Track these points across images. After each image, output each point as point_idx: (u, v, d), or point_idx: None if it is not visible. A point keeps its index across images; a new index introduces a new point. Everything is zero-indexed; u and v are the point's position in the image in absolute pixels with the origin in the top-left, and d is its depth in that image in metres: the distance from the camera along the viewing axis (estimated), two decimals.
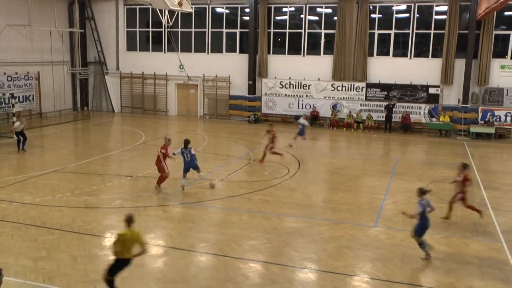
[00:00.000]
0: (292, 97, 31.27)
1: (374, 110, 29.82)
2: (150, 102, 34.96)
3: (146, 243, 9.27)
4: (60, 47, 32.78)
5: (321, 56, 31.11)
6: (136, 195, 15.66)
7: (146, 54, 34.95)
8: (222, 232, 12.66)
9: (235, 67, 32.57)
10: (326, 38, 31.11)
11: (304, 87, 31.01)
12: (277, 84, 31.53)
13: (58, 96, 32.95)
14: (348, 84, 30.19)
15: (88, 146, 23.01)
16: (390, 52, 29.94)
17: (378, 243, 12.14)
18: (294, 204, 15.12)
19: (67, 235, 12.18)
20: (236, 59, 32.67)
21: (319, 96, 30.76)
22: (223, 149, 23.54)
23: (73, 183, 16.98)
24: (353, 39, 29.89)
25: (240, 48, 32.86)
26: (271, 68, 31.98)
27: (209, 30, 33.04)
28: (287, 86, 31.36)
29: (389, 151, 25.13)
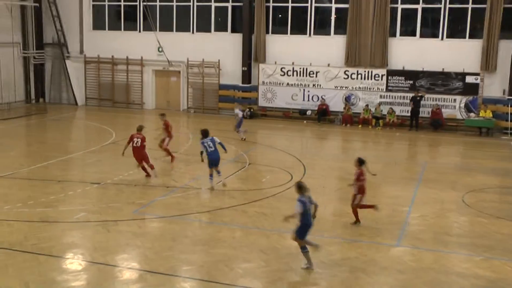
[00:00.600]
0: (296, 87, 31.30)
1: (397, 103, 29.89)
2: (122, 93, 34.94)
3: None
4: (9, 25, 32.70)
5: (331, 36, 31.16)
6: (105, 206, 15.62)
7: (116, 33, 34.93)
8: (210, 252, 12.63)
9: (226, 49, 32.58)
10: (338, 14, 31.14)
11: (311, 74, 31.05)
12: (278, 71, 31.56)
13: (6, 85, 32.90)
14: (364, 71, 30.24)
15: (44, 147, 22.96)
16: (417, 31, 30.02)
17: (401, 267, 12.14)
18: None
19: (17, 256, 12.12)
20: (227, 40, 32.69)
21: (329, 85, 30.80)
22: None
23: (25, 191, 16.91)
24: (370, 15, 29.95)
25: (232, 27, 32.88)
26: (270, 51, 32.01)
27: (194, 4, 33.06)
28: (290, 74, 31.38)
29: (415, 154, 25.16)
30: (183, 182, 18.12)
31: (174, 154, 20.81)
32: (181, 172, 19.51)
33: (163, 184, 17.95)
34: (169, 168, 20.03)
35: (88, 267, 11.74)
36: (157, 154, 20.77)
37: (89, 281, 11.11)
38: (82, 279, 11.22)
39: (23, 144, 24.94)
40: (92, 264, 11.86)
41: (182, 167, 20.22)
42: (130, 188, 17.42)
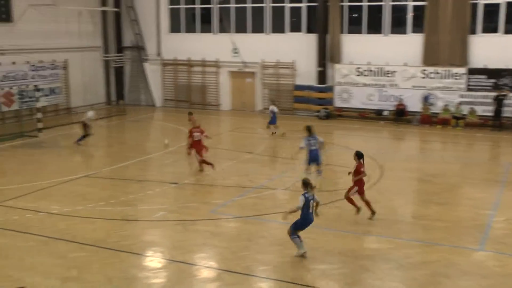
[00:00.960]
0: (372, 87, 30.92)
1: (479, 102, 29.00)
2: (198, 94, 35.50)
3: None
4: (91, 30, 33.94)
5: (407, 35, 30.59)
6: (182, 205, 15.95)
7: (192, 36, 35.53)
8: (286, 253, 12.67)
9: (301, 50, 32.55)
10: (415, 11, 30.55)
11: (387, 74, 30.60)
12: (353, 71, 31.27)
13: (88, 88, 34.10)
14: (443, 70, 29.52)
15: (124, 147, 23.64)
16: (500, 27, 29.01)
17: (484, 271, 11.80)
18: (376, 219, 14.93)
19: (100, 252, 12.56)
20: (302, 41, 32.65)
21: (406, 85, 30.25)
22: (286, 152, 23.52)
23: (107, 190, 17.51)
24: (449, 12, 29.21)
25: (307, 27, 32.81)
26: (346, 51, 31.75)
27: (269, 5, 33.19)
28: (366, 74, 31.04)
29: (498, 155, 24.38)
30: (259, 183, 18.24)
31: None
32: (256, 172, 19.64)
33: (239, 184, 18.13)
34: (245, 168, 20.19)
35: (167, 265, 12.03)
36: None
37: (169, 279, 11.38)
38: (162, 276, 11.51)
39: (105, 144, 25.77)
40: (171, 262, 12.14)
41: (258, 168, 20.35)
42: (206, 188, 17.72)
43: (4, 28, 28.84)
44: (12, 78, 28.96)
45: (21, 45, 29.52)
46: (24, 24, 29.76)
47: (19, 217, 14.82)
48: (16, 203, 16.04)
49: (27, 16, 29.94)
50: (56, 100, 31.82)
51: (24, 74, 29.65)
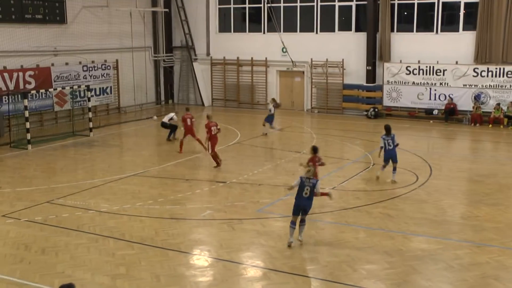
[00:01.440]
0: (422, 86, 30.47)
1: None
2: (247, 93, 35.65)
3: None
4: (142, 30, 34.45)
5: (459, 33, 30.01)
6: (230, 205, 16.04)
7: (242, 35, 35.70)
8: (333, 252, 12.62)
9: (350, 49, 32.32)
10: (467, 9, 29.94)
11: (438, 72, 30.09)
12: (403, 70, 30.88)
13: (138, 87, 34.63)
14: (496, 68, 28.85)
15: (173, 146, 23.89)
16: None
17: None
18: (424, 220, 14.75)
19: (148, 250, 12.74)
20: (351, 39, 32.42)
21: (457, 84, 29.69)
22: (335, 151, 23.44)
23: (156, 189, 17.75)
24: (503, 9, 28.52)
25: (356, 26, 32.56)
26: (396, 50, 31.37)
27: (318, 4, 33.07)
28: (416, 72, 30.61)
29: None
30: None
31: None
32: (304, 172, 19.55)
33: (287, 183, 18.06)
34: (293, 167, 20.17)
35: (214, 264, 12.11)
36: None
37: (215, 277, 11.46)
38: (209, 275, 11.60)
39: (154, 143, 26.13)
40: (218, 260, 12.22)
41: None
42: (254, 187, 17.75)
43: (59, 30, 29.56)
44: (65, 78, 29.65)
45: (74, 46, 30.24)
46: (77, 25, 30.46)
47: (69, 215, 15.16)
48: (66, 201, 16.42)
49: (81, 18, 30.65)
50: (107, 100, 32.45)
51: (76, 75, 30.32)
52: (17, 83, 27.09)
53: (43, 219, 14.83)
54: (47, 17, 28.80)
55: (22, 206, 15.91)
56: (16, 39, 27.27)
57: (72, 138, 25.65)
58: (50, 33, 29.14)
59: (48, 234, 13.77)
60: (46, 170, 20.37)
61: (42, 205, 16.04)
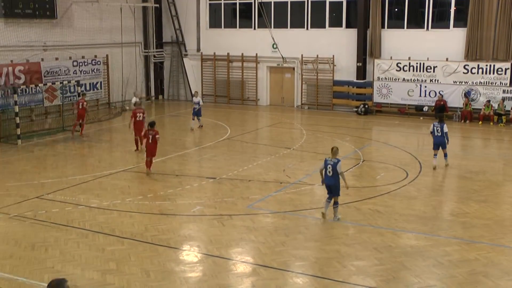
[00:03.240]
0: (413, 82, 30.57)
1: None
2: (237, 89, 35.63)
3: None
4: (132, 26, 34.31)
5: (450, 29, 30.12)
6: (220, 200, 16.06)
7: (232, 31, 35.65)
8: (323, 248, 12.67)
9: (341, 45, 32.37)
10: (458, 6, 30.06)
11: (428, 69, 30.20)
12: (393, 66, 30.96)
13: (128, 83, 34.48)
14: (486, 65, 28.98)
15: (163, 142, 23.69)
16: None
17: None
18: (414, 216, 14.82)
19: (138, 246, 12.75)
20: (341, 36, 32.46)
21: (448, 80, 29.81)
22: (325, 147, 23.41)
23: (145, 185, 17.74)
24: (494, 6, 28.62)
25: (346, 22, 32.60)
26: (386, 46, 31.44)
27: (309, 0, 33.07)
28: (406, 69, 30.70)
29: None
30: (297, 178, 18.23)
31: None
32: (294, 168, 19.64)
33: (277, 180, 18.16)
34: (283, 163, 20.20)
35: (203, 259, 12.14)
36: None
37: (205, 273, 11.48)
38: (198, 270, 11.62)
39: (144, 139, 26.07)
40: (208, 256, 12.25)
41: (295, 163, 20.34)
42: (244, 183, 17.77)
43: (48, 25, 29.37)
44: (55, 73, 29.49)
45: (64, 41, 30.07)
46: (67, 21, 30.29)
47: (60, 210, 15.14)
48: (56, 196, 16.39)
49: (71, 13, 30.47)
50: (97, 95, 32.32)
51: (66, 70, 30.18)
52: (7, 78, 26.92)
53: (32, 214, 14.79)
54: (37, 12, 28.59)
55: (11, 201, 15.86)
56: (6, 34, 27.06)
57: (62, 133, 25.56)
58: (40, 28, 28.97)
59: (37, 229, 13.76)
60: (36, 165, 20.30)
61: (31, 201, 15.99)
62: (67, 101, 29.15)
